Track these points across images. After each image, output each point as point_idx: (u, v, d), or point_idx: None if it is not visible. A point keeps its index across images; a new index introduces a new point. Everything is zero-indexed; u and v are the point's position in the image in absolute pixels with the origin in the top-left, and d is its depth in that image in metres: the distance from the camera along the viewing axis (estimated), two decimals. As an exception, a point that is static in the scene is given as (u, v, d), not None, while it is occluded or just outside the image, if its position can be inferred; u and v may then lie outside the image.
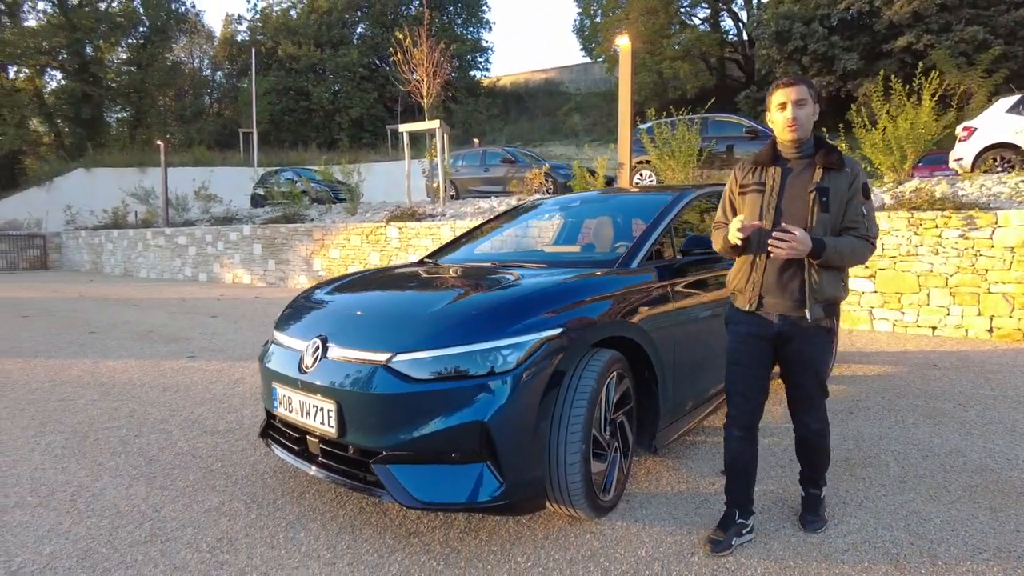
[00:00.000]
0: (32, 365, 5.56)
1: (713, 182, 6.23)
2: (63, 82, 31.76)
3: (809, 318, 2.19)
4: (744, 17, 29.59)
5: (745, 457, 2.33)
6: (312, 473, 2.50)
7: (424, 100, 13.79)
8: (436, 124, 12.33)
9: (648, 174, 11.54)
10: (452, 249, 4.03)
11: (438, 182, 12.89)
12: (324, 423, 2.38)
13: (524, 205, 4.55)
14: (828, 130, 10.08)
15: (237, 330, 7.47)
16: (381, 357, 2.31)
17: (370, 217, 12.89)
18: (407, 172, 13.36)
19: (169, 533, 2.47)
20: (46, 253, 21.74)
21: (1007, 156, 8.87)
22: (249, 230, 14.26)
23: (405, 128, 13.29)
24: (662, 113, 11.56)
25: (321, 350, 2.48)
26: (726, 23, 31.02)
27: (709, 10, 30.42)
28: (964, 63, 17.94)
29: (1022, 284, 6.11)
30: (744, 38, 29.70)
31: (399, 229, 11.31)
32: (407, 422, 2.22)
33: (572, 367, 2.38)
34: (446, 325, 2.36)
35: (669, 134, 10.31)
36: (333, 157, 22.12)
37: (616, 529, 2.45)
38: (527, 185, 12.12)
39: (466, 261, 3.74)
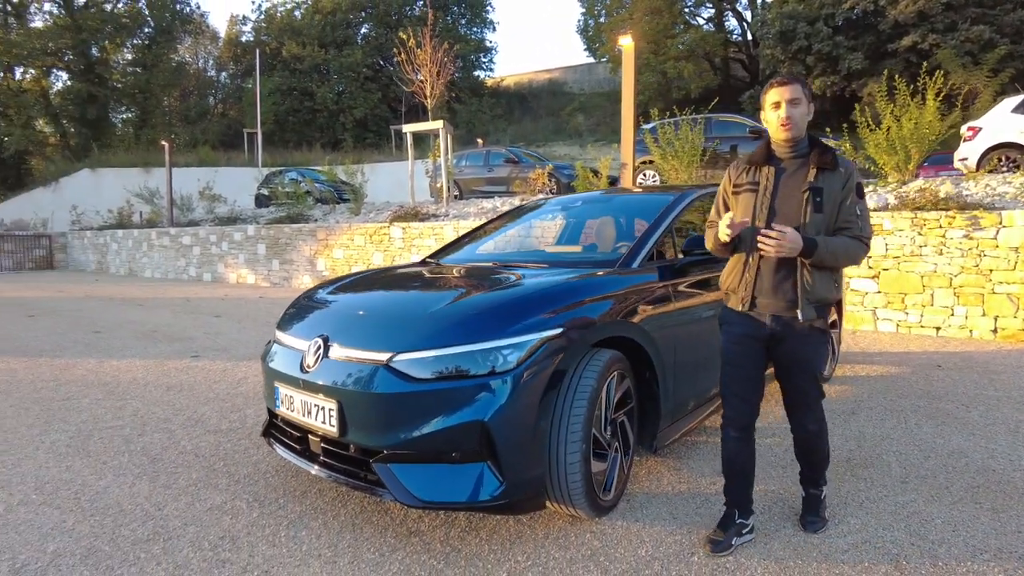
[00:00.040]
0: (37, 364, 5.60)
1: (715, 182, 6.20)
2: (69, 83, 31.95)
3: (801, 318, 2.19)
4: (748, 17, 29.58)
5: (742, 457, 2.33)
6: (314, 472, 2.51)
7: (428, 100, 13.79)
8: (440, 124, 12.34)
9: (652, 174, 11.53)
10: (454, 249, 4.04)
11: (441, 182, 12.91)
12: (325, 422, 2.40)
13: (526, 205, 4.56)
14: (832, 130, 10.03)
15: (241, 330, 7.50)
16: (382, 357, 2.32)
17: (374, 217, 12.92)
18: (411, 172, 13.39)
19: (172, 531, 2.48)
20: (52, 253, 21.84)
21: (1012, 156, 8.84)
22: (253, 230, 14.31)
23: (409, 128, 13.31)
24: (665, 113, 11.56)
25: (323, 350, 2.50)
26: (730, 23, 31.02)
27: (713, 10, 30.38)
28: (970, 62, 17.89)
29: (1027, 284, 6.09)
30: (748, 38, 29.67)
31: (403, 229, 11.33)
32: (408, 421, 2.23)
33: (572, 367, 2.39)
34: (447, 325, 2.37)
35: (672, 134, 10.31)
36: (337, 157, 22.19)
37: (616, 528, 2.45)
38: (530, 185, 12.13)
39: (468, 261, 3.75)
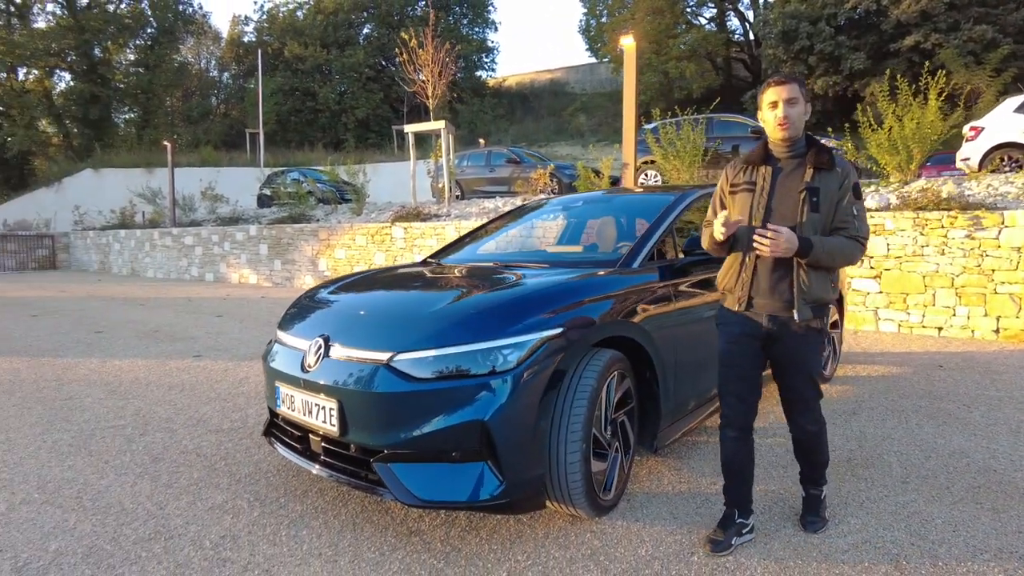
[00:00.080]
0: (40, 364, 5.61)
1: (717, 183, 6.22)
2: (72, 83, 32.01)
3: (797, 318, 2.19)
4: (750, 17, 29.57)
5: (740, 457, 2.33)
6: (315, 472, 2.51)
7: (430, 101, 13.81)
8: (441, 124, 12.35)
9: (653, 174, 11.53)
10: (455, 249, 4.04)
11: (443, 182, 12.92)
12: (326, 422, 2.40)
13: (527, 205, 4.56)
14: (834, 130, 10.03)
15: (243, 329, 7.51)
16: (382, 356, 2.32)
17: (375, 217, 12.93)
18: (412, 172, 13.40)
19: (173, 530, 2.49)
20: (55, 253, 21.90)
21: (1014, 156, 8.82)
22: (255, 230, 14.33)
23: (411, 128, 13.33)
24: (667, 113, 11.56)
25: (323, 349, 2.50)
26: (732, 23, 30.98)
27: (715, 10, 30.36)
28: (972, 62, 17.85)
29: (1029, 284, 6.08)
30: (750, 38, 29.64)
31: (404, 229, 11.34)
32: (408, 421, 2.24)
33: (573, 367, 2.39)
34: (447, 324, 2.37)
35: (674, 134, 10.31)
36: (339, 157, 22.19)
37: (616, 528, 2.45)
38: (532, 185, 12.13)
39: (469, 261, 3.75)
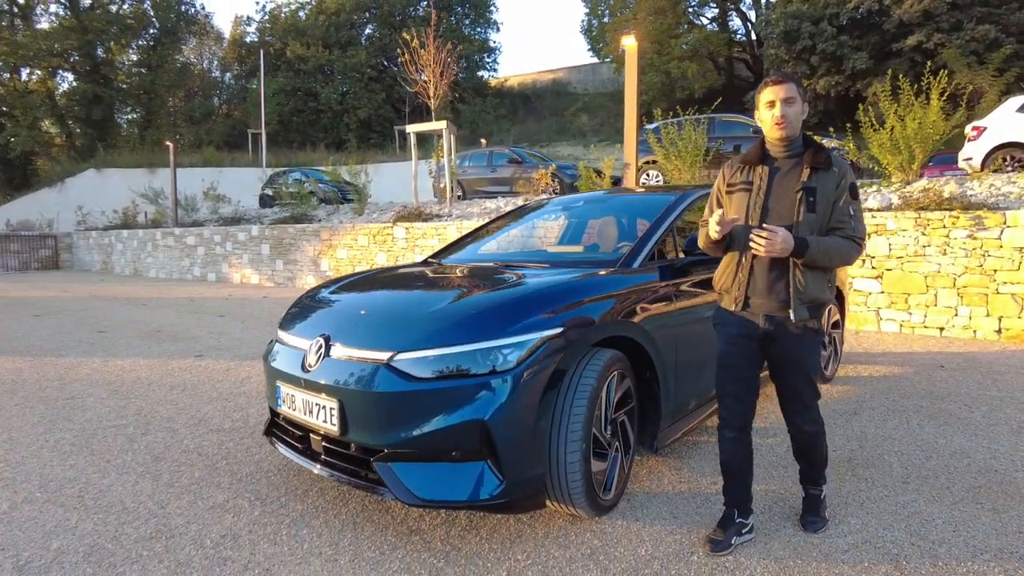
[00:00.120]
0: (42, 363, 5.63)
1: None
2: (75, 84, 32.02)
3: (794, 318, 2.19)
4: (752, 17, 29.50)
5: (739, 457, 2.33)
6: (316, 471, 2.52)
7: (431, 101, 13.82)
8: (443, 125, 12.36)
9: (655, 174, 11.53)
10: (456, 249, 4.05)
11: (445, 183, 12.93)
12: (327, 421, 2.41)
13: (527, 206, 4.57)
14: (836, 130, 10.02)
15: (244, 329, 7.52)
16: (383, 356, 2.33)
17: (377, 218, 12.94)
18: (414, 173, 13.41)
19: (174, 529, 2.50)
20: (57, 253, 21.96)
21: (1017, 155, 8.80)
22: (257, 230, 14.35)
23: (412, 129, 13.34)
24: (669, 113, 11.55)
25: (324, 349, 2.51)
26: (734, 23, 30.88)
27: (717, 10, 30.30)
28: (975, 62, 17.80)
29: (1031, 285, 6.07)
30: (752, 38, 29.59)
31: (406, 229, 11.35)
32: (408, 420, 2.24)
33: (573, 366, 2.40)
34: (447, 324, 2.38)
35: (675, 134, 10.30)
36: (341, 158, 22.21)
37: (616, 528, 2.46)
38: (533, 185, 12.14)
39: (469, 261, 3.76)
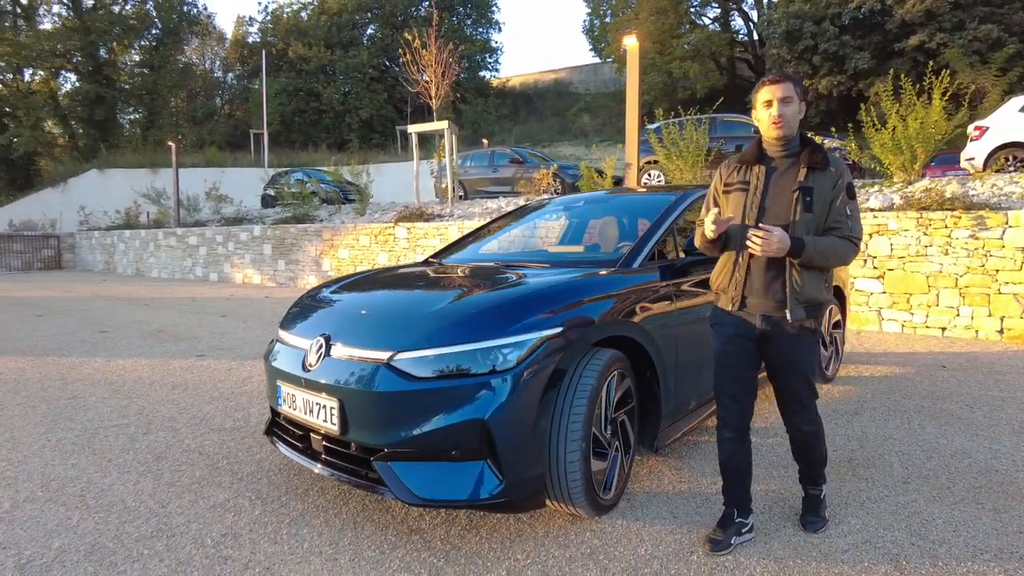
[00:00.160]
0: (45, 363, 5.64)
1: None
2: (77, 84, 32.10)
3: (790, 318, 2.19)
4: (754, 17, 29.45)
5: (738, 457, 2.33)
6: (316, 471, 2.52)
7: (433, 101, 13.84)
8: (444, 125, 12.38)
9: (656, 174, 11.53)
10: (456, 249, 4.05)
11: (446, 183, 12.94)
12: (327, 421, 2.41)
13: (528, 206, 4.57)
14: (838, 130, 10.01)
15: (246, 329, 7.53)
16: (383, 355, 2.33)
17: (379, 218, 12.96)
18: (416, 173, 13.42)
19: (175, 528, 2.50)
20: (60, 253, 22.01)
21: (1019, 155, 8.79)
22: (259, 230, 14.37)
23: (413, 129, 13.35)
24: (670, 113, 11.55)
25: (324, 348, 2.51)
26: (736, 23, 30.87)
27: (719, 10, 30.29)
28: (977, 61, 17.77)
29: (1033, 285, 6.06)
30: (754, 38, 29.57)
31: (407, 229, 11.36)
32: (408, 420, 2.25)
33: (572, 366, 2.40)
34: (447, 324, 2.38)
35: (677, 134, 10.30)
36: (343, 158, 22.24)
37: (616, 527, 2.46)
38: (535, 185, 12.15)
39: (470, 261, 3.76)
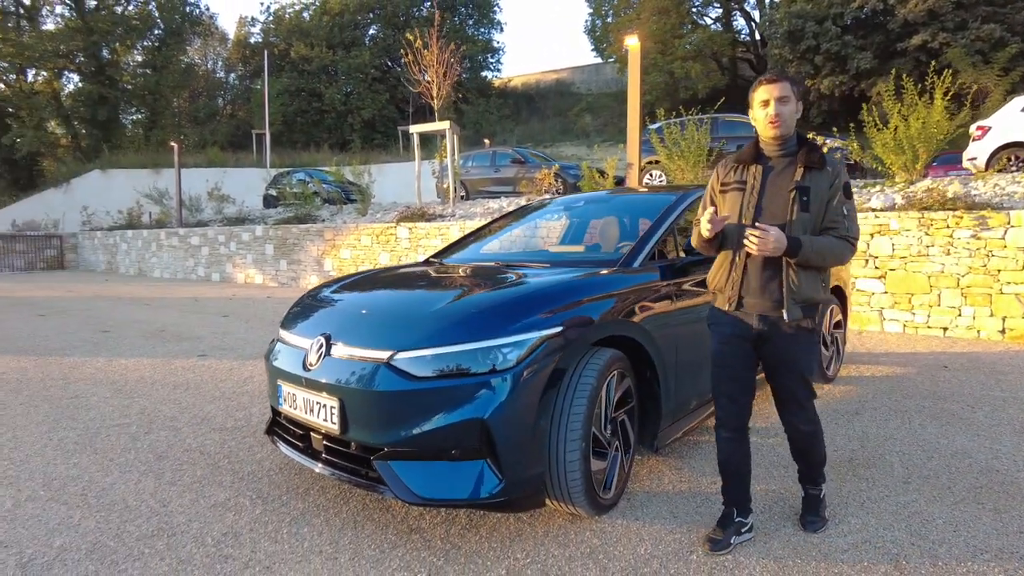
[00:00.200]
0: (47, 363, 5.66)
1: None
2: (80, 84, 32.16)
3: (787, 318, 2.18)
4: (756, 16, 29.40)
5: (737, 457, 2.33)
6: (317, 470, 2.53)
7: (435, 101, 13.84)
8: (446, 125, 12.38)
9: (658, 174, 11.53)
10: (457, 249, 4.06)
11: (448, 183, 12.94)
12: (327, 420, 2.42)
13: (529, 206, 4.58)
14: (840, 130, 10.00)
15: (248, 329, 7.55)
16: (383, 355, 2.34)
17: (380, 218, 12.97)
18: (417, 173, 13.43)
19: (176, 527, 2.51)
20: (63, 253, 22.06)
21: (1022, 155, 8.76)
22: (261, 230, 14.39)
23: (415, 129, 13.35)
24: (672, 113, 11.55)
25: (325, 348, 2.52)
26: (738, 23, 30.84)
27: (721, 10, 30.26)
28: (980, 61, 17.73)
29: (1035, 285, 6.05)
30: (756, 38, 29.51)
31: (409, 229, 11.37)
32: (408, 419, 2.25)
33: (572, 365, 2.40)
34: (447, 323, 2.39)
35: (678, 134, 10.30)
36: (345, 158, 22.23)
37: (616, 527, 2.46)
38: (537, 185, 12.15)
39: (471, 261, 3.76)
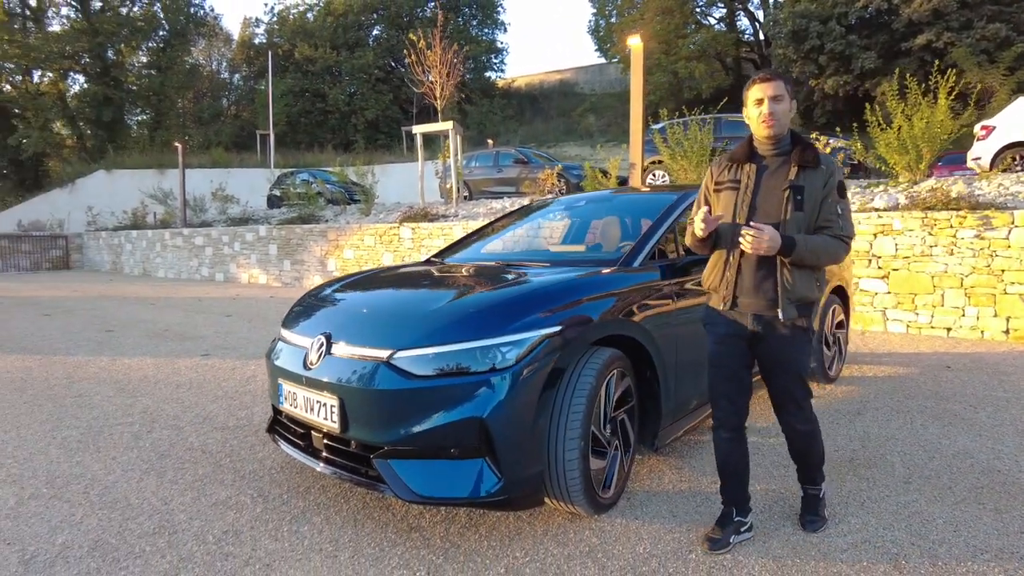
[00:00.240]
0: (51, 362, 5.69)
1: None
2: (85, 85, 32.30)
3: (782, 317, 2.18)
4: (760, 16, 29.36)
5: (735, 457, 2.33)
6: (319, 469, 2.53)
7: (438, 102, 13.84)
8: (449, 125, 12.39)
9: (661, 174, 11.52)
10: (458, 249, 4.07)
11: (451, 183, 12.95)
12: (327, 418, 2.43)
13: (530, 205, 4.58)
14: (843, 130, 9.98)
15: (251, 329, 7.57)
16: (383, 354, 2.34)
17: (384, 218, 12.98)
18: (420, 173, 13.44)
19: (177, 525, 2.52)
20: (68, 253, 22.17)
21: (1026, 155, 8.73)
22: (265, 231, 14.43)
23: (418, 129, 13.36)
24: (676, 113, 11.53)
25: (325, 347, 2.53)
26: (742, 23, 30.80)
27: (725, 10, 30.20)
28: (985, 61, 17.67)
29: (1039, 285, 6.02)
30: (760, 38, 29.46)
31: (412, 230, 11.38)
32: (408, 418, 2.26)
33: (571, 365, 2.40)
34: (447, 322, 2.39)
35: (681, 134, 10.29)
36: (349, 159, 22.32)
37: (615, 526, 2.46)
38: (539, 186, 12.14)
39: (471, 260, 3.77)
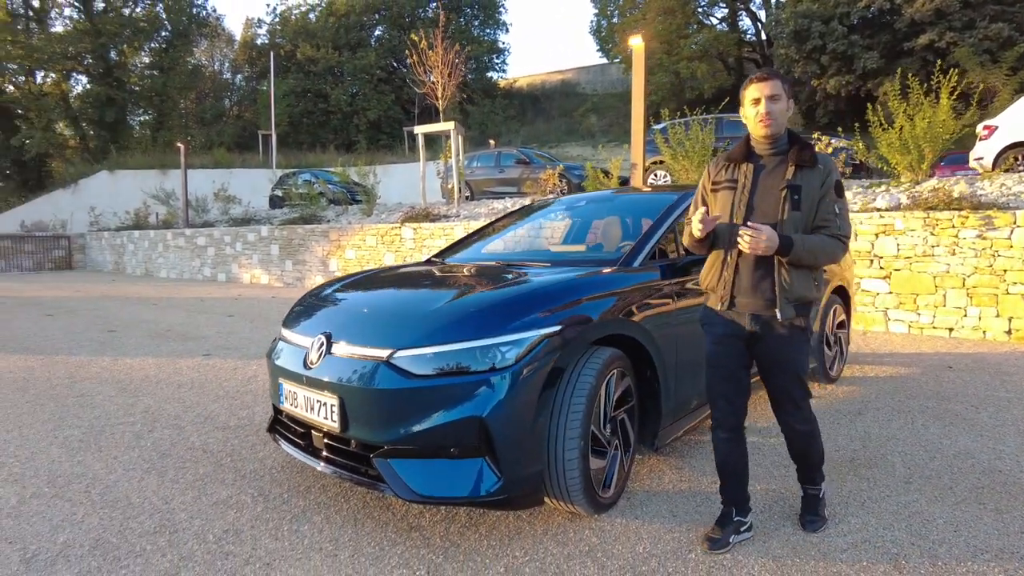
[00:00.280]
0: (53, 362, 5.70)
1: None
2: (88, 86, 32.36)
3: (780, 317, 2.18)
4: (762, 16, 29.35)
5: (734, 457, 2.32)
6: (319, 468, 2.54)
7: (440, 102, 13.85)
8: (451, 126, 12.40)
9: (663, 174, 11.52)
10: (459, 248, 4.07)
11: (452, 183, 12.96)
12: (328, 418, 2.43)
13: (531, 205, 4.58)
14: (845, 130, 9.96)
15: (253, 329, 7.58)
16: (383, 353, 2.35)
17: (385, 218, 12.99)
18: (422, 173, 13.46)
19: (178, 524, 2.53)
20: (71, 254, 22.22)
21: (1029, 155, 8.71)
22: (267, 231, 14.45)
23: (420, 129, 13.37)
24: (677, 113, 11.53)
25: (326, 346, 2.53)
26: (744, 23, 30.76)
27: (727, 10, 30.18)
28: (988, 60, 17.64)
29: (1042, 285, 6.01)
30: (762, 38, 29.43)
31: (414, 230, 11.39)
32: (407, 417, 2.26)
33: (571, 364, 2.41)
34: (447, 322, 2.40)
35: (683, 134, 10.28)
36: (350, 159, 22.31)
37: (615, 525, 2.46)
38: (541, 186, 12.15)
39: (472, 260, 3.78)
